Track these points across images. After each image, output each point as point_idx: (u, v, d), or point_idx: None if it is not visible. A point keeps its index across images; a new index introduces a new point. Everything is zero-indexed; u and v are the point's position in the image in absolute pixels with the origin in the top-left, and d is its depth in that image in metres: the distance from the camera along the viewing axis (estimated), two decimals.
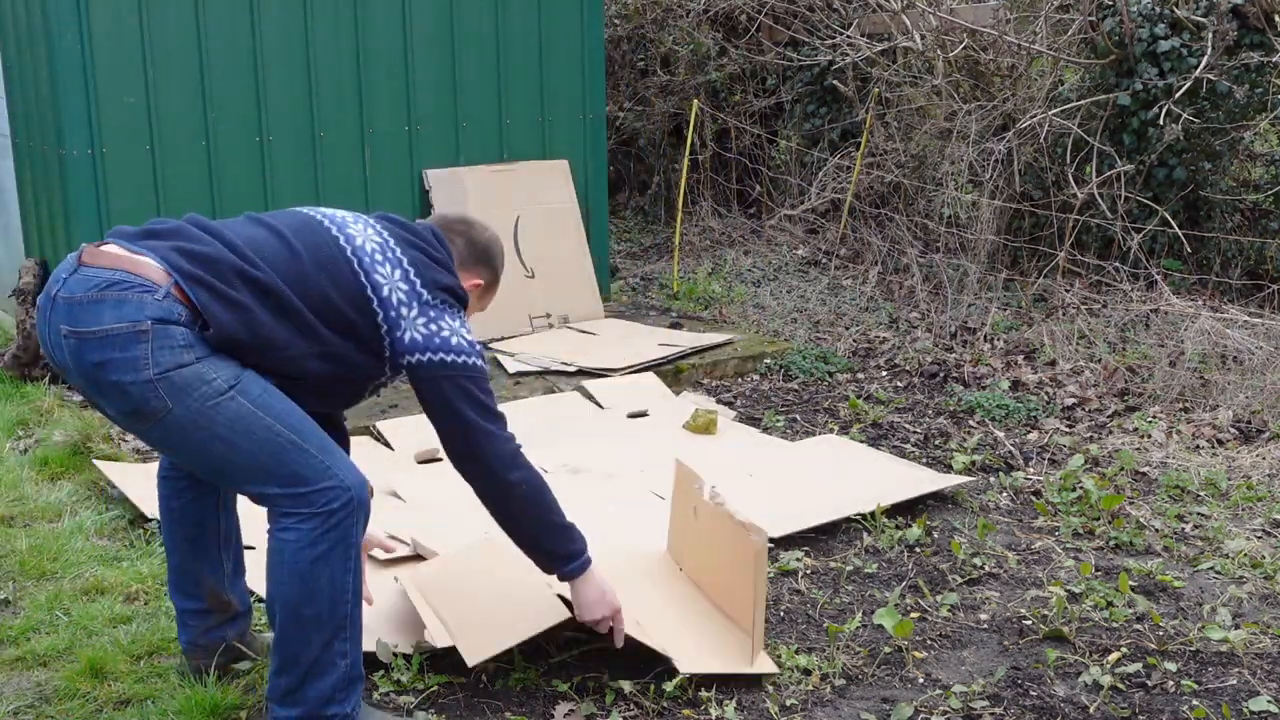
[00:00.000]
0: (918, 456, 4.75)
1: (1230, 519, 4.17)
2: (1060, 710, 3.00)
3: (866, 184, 7.54)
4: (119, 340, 2.51)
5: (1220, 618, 3.42)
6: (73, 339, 2.55)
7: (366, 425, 4.90)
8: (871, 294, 6.90)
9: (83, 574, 3.67)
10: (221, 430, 2.57)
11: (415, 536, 3.78)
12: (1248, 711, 2.99)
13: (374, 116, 5.94)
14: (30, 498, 4.25)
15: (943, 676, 3.16)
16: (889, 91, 7.48)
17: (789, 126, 8.50)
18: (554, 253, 6.37)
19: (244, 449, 2.59)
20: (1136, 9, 6.42)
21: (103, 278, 2.55)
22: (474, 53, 6.17)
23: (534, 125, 6.43)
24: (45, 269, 5.53)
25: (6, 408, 5.03)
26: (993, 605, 3.54)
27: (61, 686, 3.07)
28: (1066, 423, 5.13)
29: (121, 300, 2.53)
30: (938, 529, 4.07)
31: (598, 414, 5.15)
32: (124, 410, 2.59)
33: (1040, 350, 5.86)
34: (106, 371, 2.53)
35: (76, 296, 2.55)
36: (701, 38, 8.62)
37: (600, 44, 6.63)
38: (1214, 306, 5.96)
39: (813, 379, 5.74)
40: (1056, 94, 6.78)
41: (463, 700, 3.05)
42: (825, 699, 3.06)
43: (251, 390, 2.61)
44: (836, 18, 7.79)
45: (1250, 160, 7.07)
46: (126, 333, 2.51)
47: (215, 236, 2.69)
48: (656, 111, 8.96)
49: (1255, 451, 4.72)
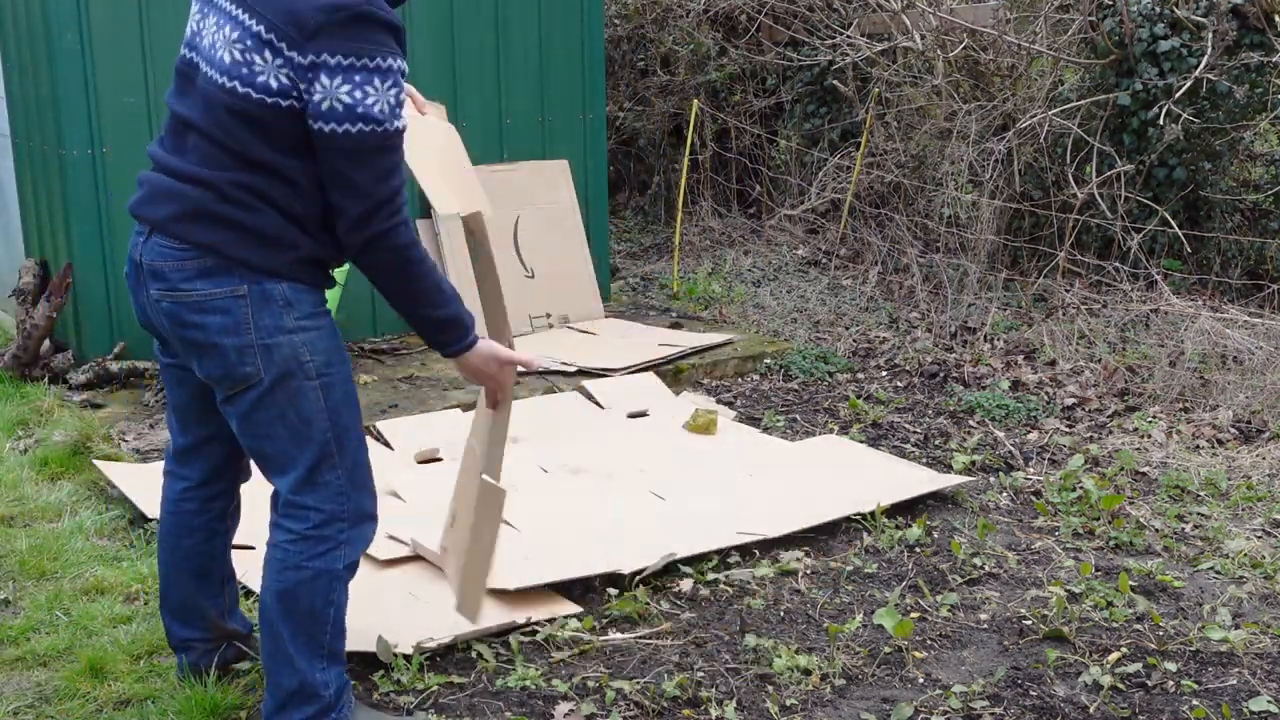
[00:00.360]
0: (918, 456, 4.75)
1: (1230, 519, 4.17)
2: (1060, 710, 3.00)
3: (866, 184, 7.54)
4: (218, 303, 2.52)
5: (1220, 618, 3.42)
6: (167, 301, 2.55)
7: (366, 425, 4.89)
8: (871, 294, 6.90)
9: (83, 574, 3.67)
10: (290, 414, 2.58)
11: (415, 537, 3.78)
12: (1248, 711, 2.99)
13: None
14: (30, 498, 4.25)
15: (943, 676, 3.16)
16: (889, 91, 7.48)
17: (789, 126, 8.50)
18: (554, 253, 6.37)
19: (296, 440, 2.59)
20: (1136, 9, 6.42)
21: None
22: (474, 53, 6.17)
23: (534, 125, 6.43)
24: (45, 269, 5.53)
25: (6, 408, 5.03)
26: (993, 605, 3.54)
27: (61, 686, 3.07)
28: (1066, 423, 5.13)
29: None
30: (938, 529, 4.07)
31: (598, 414, 5.15)
32: (214, 374, 2.58)
33: (1040, 350, 5.87)
34: (207, 334, 2.53)
35: (164, 264, 2.55)
36: (701, 38, 8.62)
37: (600, 44, 6.62)
38: (1214, 306, 5.96)
39: (813, 379, 5.74)
40: (1056, 94, 6.77)
41: (463, 700, 3.05)
42: (825, 699, 3.06)
43: (335, 390, 2.61)
44: (836, 18, 7.79)
45: (1250, 160, 7.07)
46: (225, 296, 2.52)
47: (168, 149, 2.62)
48: (656, 111, 8.96)
49: (1255, 451, 4.72)
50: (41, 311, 5.27)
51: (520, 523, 4.01)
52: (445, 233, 6.07)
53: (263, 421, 2.59)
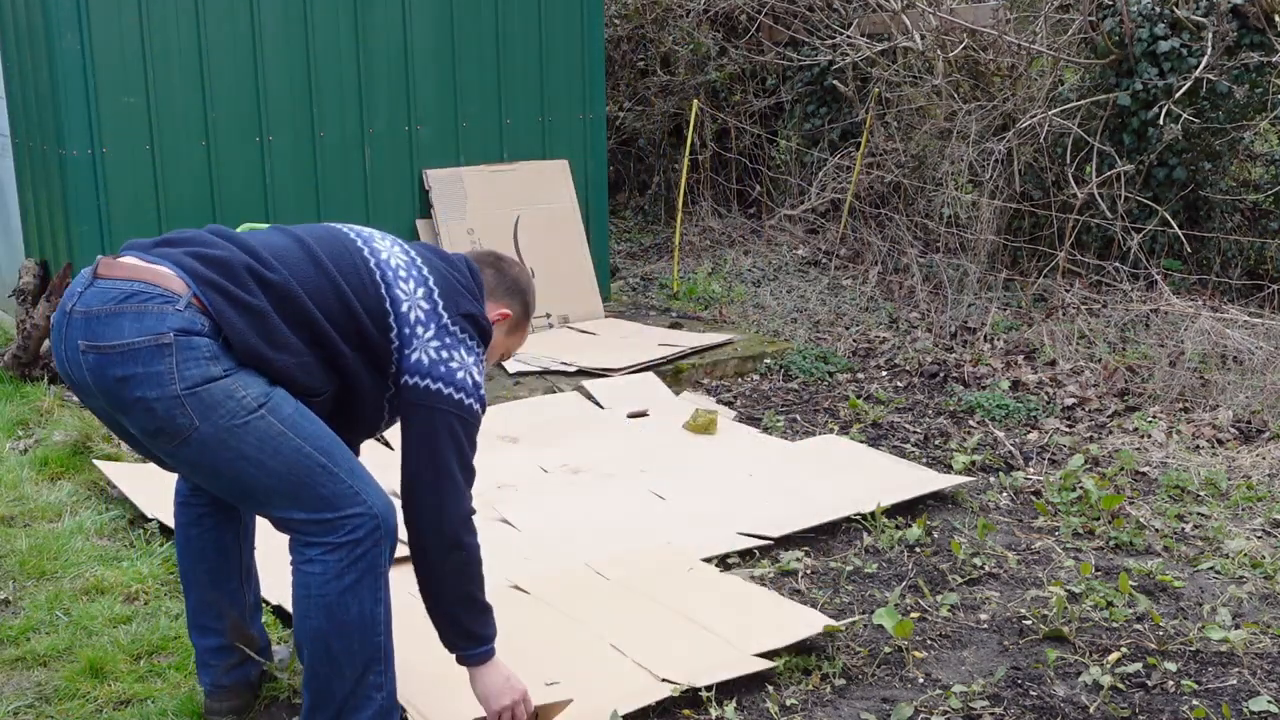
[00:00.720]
0: (918, 456, 4.75)
1: (1230, 519, 4.17)
2: (1060, 710, 3.00)
3: (866, 184, 7.54)
4: (141, 355, 2.41)
5: (1220, 618, 3.42)
6: (92, 354, 2.44)
7: None
8: (871, 294, 6.90)
9: (83, 574, 3.67)
10: (250, 450, 2.46)
11: None
12: (1248, 711, 2.99)
13: (374, 116, 5.94)
14: (30, 498, 4.25)
15: (943, 676, 3.16)
16: (889, 91, 7.48)
17: (789, 126, 8.50)
18: (554, 253, 6.37)
19: (272, 470, 2.48)
20: (1136, 9, 6.42)
21: (120, 289, 2.45)
22: (474, 53, 6.17)
23: (534, 125, 6.43)
24: (45, 269, 5.53)
25: (6, 408, 5.03)
26: (993, 605, 3.54)
27: (61, 686, 3.07)
28: (1066, 423, 5.13)
29: (142, 312, 2.42)
30: (938, 529, 4.07)
31: (598, 414, 5.15)
32: (148, 429, 2.47)
33: (1040, 350, 5.86)
34: (130, 388, 2.42)
35: (94, 310, 2.44)
36: (701, 38, 8.62)
37: (600, 44, 6.63)
38: (1214, 306, 5.96)
39: (813, 379, 5.74)
40: (1056, 94, 6.78)
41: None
42: (825, 699, 3.06)
43: (283, 409, 2.50)
44: (836, 18, 7.79)
45: (1250, 160, 7.07)
46: (149, 346, 2.40)
47: (231, 242, 2.60)
48: (656, 111, 8.96)
49: (1255, 451, 4.72)
50: (41, 311, 5.27)
51: (520, 522, 4.02)
52: (446, 233, 6.08)
53: (223, 465, 2.50)
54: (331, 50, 5.76)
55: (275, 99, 5.66)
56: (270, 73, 5.62)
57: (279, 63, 5.64)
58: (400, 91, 5.99)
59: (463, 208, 6.15)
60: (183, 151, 5.49)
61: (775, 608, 3.41)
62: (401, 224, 6.09)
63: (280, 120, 5.69)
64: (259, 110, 5.63)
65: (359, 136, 5.91)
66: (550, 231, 6.38)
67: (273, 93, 5.65)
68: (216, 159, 5.57)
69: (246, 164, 5.64)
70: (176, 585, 3.59)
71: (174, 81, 5.41)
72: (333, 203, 5.88)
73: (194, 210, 5.53)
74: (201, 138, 5.52)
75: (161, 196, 5.46)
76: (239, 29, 5.52)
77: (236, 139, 5.60)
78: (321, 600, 2.53)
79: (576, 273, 6.44)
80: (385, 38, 5.90)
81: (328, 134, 5.82)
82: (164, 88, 5.39)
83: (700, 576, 3.62)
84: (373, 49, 5.88)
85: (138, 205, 5.40)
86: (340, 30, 5.77)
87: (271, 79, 5.63)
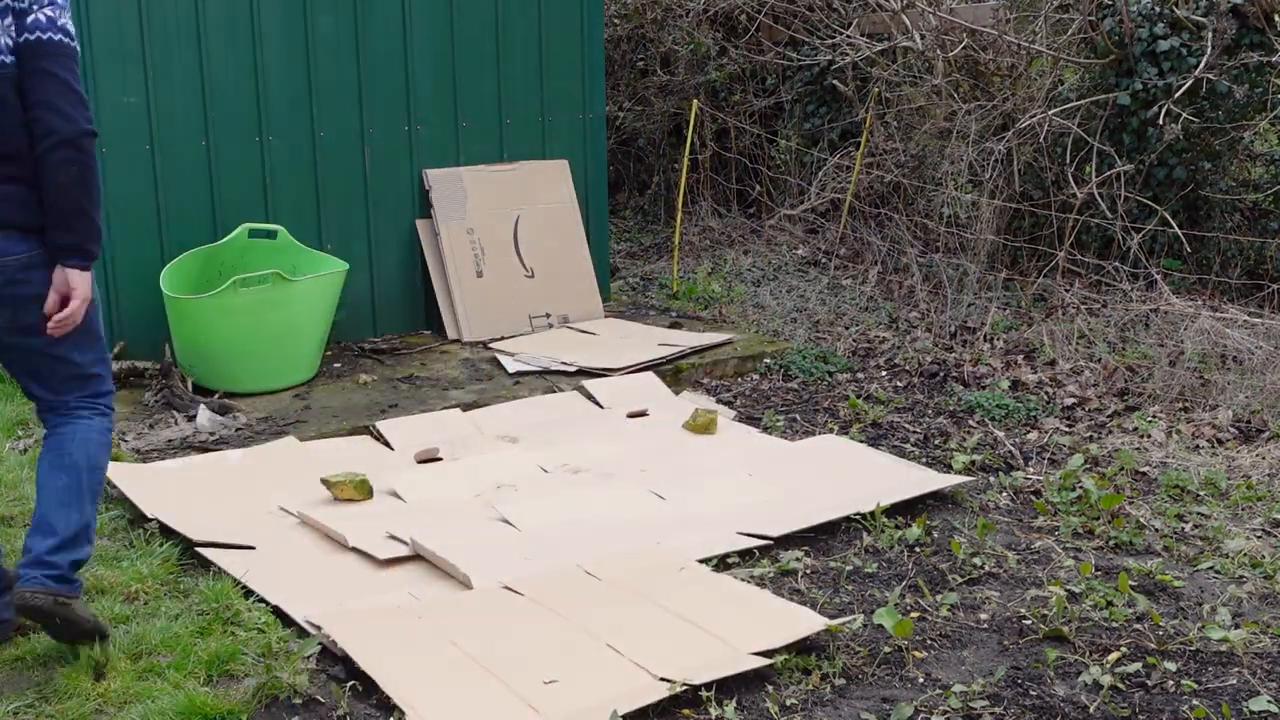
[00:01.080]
0: (918, 456, 4.75)
1: (1230, 519, 4.17)
2: (1060, 710, 3.00)
3: (866, 184, 7.54)
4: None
5: (1220, 617, 3.42)
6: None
7: (366, 425, 4.90)
8: (871, 294, 6.90)
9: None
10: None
11: (415, 536, 3.78)
12: (1248, 711, 2.99)
13: (374, 116, 5.94)
14: (30, 498, 4.24)
15: (943, 676, 3.16)
16: (889, 91, 7.48)
17: (789, 126, 8.50)
18: (554, 252, 6.37)
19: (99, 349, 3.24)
20: (1136, 9, 6.42)
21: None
22: (474, 53, 6.18)
23: (534, 125, 6.43)
24: None
25: (6, 408, 5.03)
26: (993, 605, 3.54)
27: (61, 686, 3.07)
28: (1066, 422, 5.13)
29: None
30: (938, 529, 4.07)
31: (598, 414, 5.15)
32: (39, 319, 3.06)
33: (1040, 350, 5.87)
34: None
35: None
36: (701, 38, 8.62)
37: (600, 44, 6.63)
38: (1214, 306, 5.96)
39: (812, 379, 5.74)
40: (1056, 94, 6.78)
41: None
42: (825, 699, 3.06)
43: (99, 307, 3.27)
44: (836, 17, 7.79)
45: (1250, 160, 7.07)
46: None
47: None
48: (656, 111, 8.97)
49: (1255, 451, 4.72)
50: None
51: (520, 522, 4.02)
52: (446, 233, 6.08)
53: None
54: (331, 50, 5.77)
55: (275, 99, 5.66)
56: (270, 73, 5.63)
57: (279, 63, 5.64)
58: (400, 91, 5.99)
59: (463, 208, 6.16)
60: (183, 151, 5.49)
61: (772, 607, 3.42)
62: (401, 224, 6.09)
63: (280, 120, 5.69)
64: (259, 110, 5.63)
65: (359, 136, 5.92)
66: (550, 231, 6.38)
67: (273, 93, 5.65)
68: (216, 159, 5.57)
69: (246, 164, 5.64)
70: (177, 585, 3.59)
71: (174, 81, 5.41)
72: (332, 203, 5.88)
73: (194, 210, 5.54)
74: (201, 138, 5.52)
75: (161, 196, 5.46)
76: (239, 29, 5.53)
77: (236, 139, 5.60)
78: (102, 456, 3.25)
79: (576, 273, 6.44)
80: (385, 38, 5.91)
81: (328, 134, 5.82)
82: (164, 88, 5.40)
83: (698, 576, 3.62)
84: (373, 49, 5.88)
85: (138, 205, 5.41)
86: (340, 30, 5.78)
87: (271, 79, 5.63)
